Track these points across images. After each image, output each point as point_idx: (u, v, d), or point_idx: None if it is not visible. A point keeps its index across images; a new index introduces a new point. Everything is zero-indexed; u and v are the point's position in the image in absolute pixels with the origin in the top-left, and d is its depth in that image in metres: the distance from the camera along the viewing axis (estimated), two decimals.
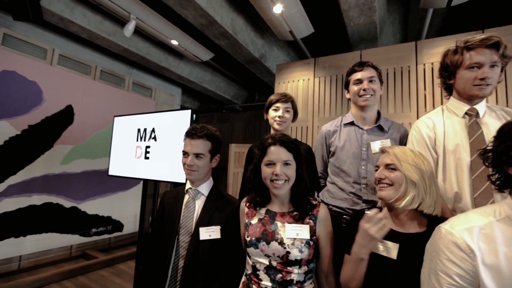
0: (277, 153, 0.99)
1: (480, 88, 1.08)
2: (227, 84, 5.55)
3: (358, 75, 1.39)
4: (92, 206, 3.67)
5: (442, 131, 1.15)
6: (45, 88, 3.22)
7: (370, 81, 1.38)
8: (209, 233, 1.11)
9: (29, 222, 3.06)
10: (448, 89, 1.21)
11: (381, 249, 0.90)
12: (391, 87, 2.75)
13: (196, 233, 1.13)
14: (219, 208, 1.19)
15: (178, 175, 2.07)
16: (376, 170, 1.02)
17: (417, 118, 2.60)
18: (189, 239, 1.14)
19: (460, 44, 1.12)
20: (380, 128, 1.39)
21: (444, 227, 0.72)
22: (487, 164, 0.74)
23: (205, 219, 1.16)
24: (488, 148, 0.73)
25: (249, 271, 1.00)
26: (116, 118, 2.63)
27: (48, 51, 3.31)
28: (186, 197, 1.24)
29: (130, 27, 3.03)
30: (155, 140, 2.31)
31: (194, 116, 6.30)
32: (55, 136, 3.30)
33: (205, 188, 1.25)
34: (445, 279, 0.67)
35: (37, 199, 3.13)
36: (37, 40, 3.28)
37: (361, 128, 1.41)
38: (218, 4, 2.88)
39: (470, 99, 1.13)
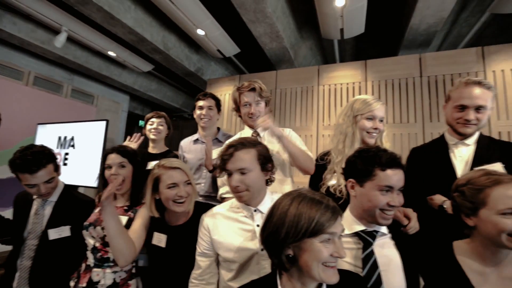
0: (112, 158, 1.29)
1: (251, 120, 1.53)
2: (174, 93, 5.76)
3: (200, 103, 1.84)
4: None
5: None
6: None
7: (209, 109, 1.83)
8: (59, 233, 1.30)
9: None
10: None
11: (156, 240, 1.19)
12: (298, 103, 3.21)
13: (44, 235, 1.29)
14: (69, 209, 1.36)
15: (91, 180, 2.26)
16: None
17: (317, 131, 3.08)
18: (37, 242, 1.29)
19: (235, 88, 1.59)
20: (218, 140, 1.80)
21: (203, 215, 1.12)
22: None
23: (54, 222, 1.32)
24: None
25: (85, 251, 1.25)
26: (39, 126, 2.74)
27: None
28: (35, 204, 1.37)
29: (61, 38, 3.15)
30: (74, 147, 2.48)
31: (143, 123, 6.38)
32: None
33: (54, 195, 1.37)
34: (198, 250, 1.08)
35: None
36: None
37: (204, 142, 1.81)
38: (147, 23, 3.14)
39: (251, 127, 1.59)
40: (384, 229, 0.98)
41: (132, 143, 1.82)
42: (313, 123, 3.11)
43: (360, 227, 0.97)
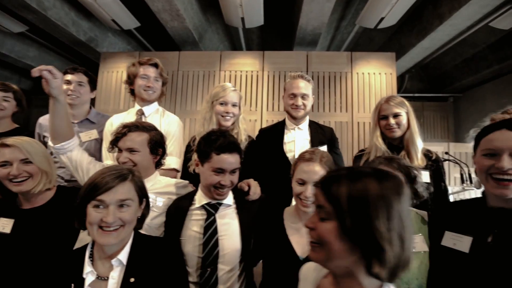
0: None
1: (146, 93, 1.53)
2: (63, 64, 4.86)
3: (68, 77, 1.65)
4: None
5: (117, 123, 1.53)
6: None
7: (79, 85, 1.67)
8: None
9: None
10: (132, 93, 1.61)
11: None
12: (200, 87, 3.24)
13: None
14: None
15: None
16: None
17: None
18: None
19: (137, 60, 1.55)
20: (90, 121, 1.70)
21: None
22: None
23: None
24: None
25: None
26: None
27: None
28: None
29: None
30: None
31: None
32: None
33: None
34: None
35: None
36: None
37: (73, 122, 1.64)
38: None
39: (143, 101, 1.57)
40: (229, 201, 1.15)
41: None
42: None
43: (206, 200, 1.12)
